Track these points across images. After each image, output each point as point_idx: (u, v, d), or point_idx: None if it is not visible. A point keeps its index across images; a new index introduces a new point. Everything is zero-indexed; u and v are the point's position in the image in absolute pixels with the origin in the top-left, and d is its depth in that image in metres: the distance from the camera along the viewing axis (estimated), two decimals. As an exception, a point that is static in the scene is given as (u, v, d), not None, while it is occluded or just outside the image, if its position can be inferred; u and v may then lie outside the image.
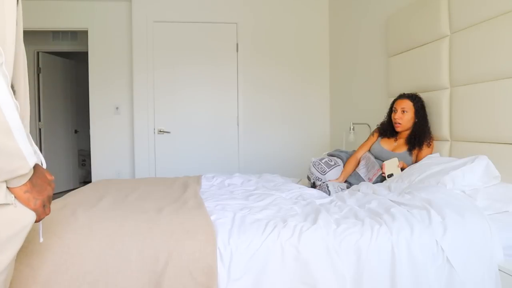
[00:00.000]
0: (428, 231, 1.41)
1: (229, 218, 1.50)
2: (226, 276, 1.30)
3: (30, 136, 0.86)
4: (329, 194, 2.13)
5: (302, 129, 4.32)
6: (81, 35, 5.08)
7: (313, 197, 2.00)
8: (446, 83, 2.30)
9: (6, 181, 0.82)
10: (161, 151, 4.12)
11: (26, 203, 0.86)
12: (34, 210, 0.87)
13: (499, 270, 1.41)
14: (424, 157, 2.24)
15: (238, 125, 4.21)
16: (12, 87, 0.93)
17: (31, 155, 0.82)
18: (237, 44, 4.15)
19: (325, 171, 2.39)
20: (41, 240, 1.02)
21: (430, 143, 2.30)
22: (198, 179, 2.48)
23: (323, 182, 2.33)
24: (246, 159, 4.23)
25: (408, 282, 1.33)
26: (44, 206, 0.89)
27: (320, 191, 2.16)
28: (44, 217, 0.91)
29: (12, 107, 0.77)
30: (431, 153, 2.28)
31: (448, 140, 2.30)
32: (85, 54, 4.50)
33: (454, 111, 2.22)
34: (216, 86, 4.17)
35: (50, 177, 0.93)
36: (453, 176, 1.82)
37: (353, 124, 3.32)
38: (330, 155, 2.64)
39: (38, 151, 0.90)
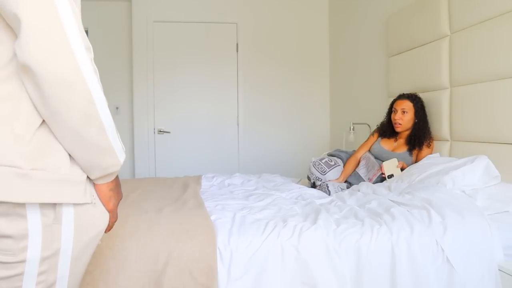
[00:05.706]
0: (428, 231, 1.41)
1: (229, 218, 1.50)
2: (226, 276, 1.30)
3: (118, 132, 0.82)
4: (329, 194, 2.13)
5: (302, 129, 4.32)
6: (81, 35, 5.08)
7: (313, 197, 2.00)
8: (446, 83, 2.30)
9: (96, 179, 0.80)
10: (161, 151, 4.12)
11: (106, 202, 0.82)
12: (110, 211, 0.84)
13: (499, 270, 1.41)
14: (424, 157, 2.25)
15: (238, 125, 4.21)
16: None
17: (121, 152, 0.80)
18: (237, 44, 4.15)
19: (325, 171, 2.39)
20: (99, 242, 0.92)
21: (430, 143, 2.30)
22: (198, 179, 2.48)
23: (323, 182, 2.33)
24: (246, 159, 4.23)
25: (408, 282, 1.33)
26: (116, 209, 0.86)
27: (320, 191, 2.16)
28: (113, 223, 0.86)
29: (105, 103, 0.74)
30: (431, 153, 2.28)
31: (448, 140, 2.30)
32: (85, 54, 4.49)
33: (454, 111, 2.22)
34: (216, 86, 4.16)
35: None
36: (453, 176, 1.82)
37: (353, 124, 3.32)
38: (330, 155, 2.64)
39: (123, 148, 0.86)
